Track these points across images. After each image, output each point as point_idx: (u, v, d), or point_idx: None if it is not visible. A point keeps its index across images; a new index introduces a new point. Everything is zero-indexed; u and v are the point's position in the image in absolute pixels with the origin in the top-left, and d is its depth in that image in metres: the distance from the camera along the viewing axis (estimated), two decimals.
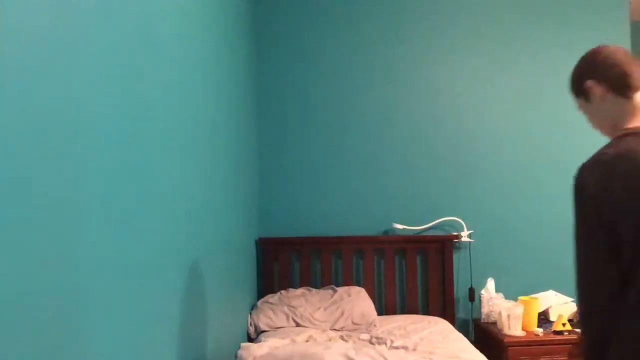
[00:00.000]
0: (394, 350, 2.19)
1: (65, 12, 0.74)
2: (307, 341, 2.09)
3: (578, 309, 1.18)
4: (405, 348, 2.24)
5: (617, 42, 3.08)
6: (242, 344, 1.83)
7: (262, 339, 2.17)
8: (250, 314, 2.54)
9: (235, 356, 1.81)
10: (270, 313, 2.48)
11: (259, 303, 2.58)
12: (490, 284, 2.82)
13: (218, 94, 1.85)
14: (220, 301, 1.85)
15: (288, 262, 2.87)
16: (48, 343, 0.68)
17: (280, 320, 2.45)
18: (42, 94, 0.67)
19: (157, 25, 1.16)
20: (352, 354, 1.63)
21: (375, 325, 2.52)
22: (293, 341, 2.09)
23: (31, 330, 0.64)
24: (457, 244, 2.95)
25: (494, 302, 2.75)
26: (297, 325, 2.44)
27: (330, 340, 2.16)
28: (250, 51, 2.80)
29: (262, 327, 2.44)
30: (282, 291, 2.69)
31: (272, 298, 2.61)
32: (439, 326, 2.53)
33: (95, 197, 0.82)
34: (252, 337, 2.45)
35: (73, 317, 0.75)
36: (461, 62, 3.06)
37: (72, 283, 0.75)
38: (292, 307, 2.50)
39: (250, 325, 2.49)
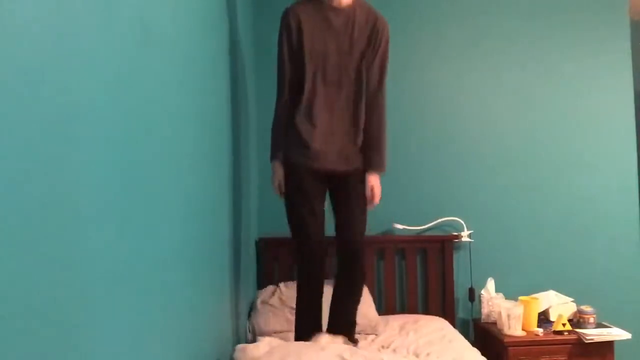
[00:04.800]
0: (392, 353, 2.19)
1: (65, 12, 0.74)
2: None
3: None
4: (403, 349, 2.24)
5: (617, 42, 3.08)
6: (237, 346, 1.82)
7: (259, 338, 2.14)
8: (250, 315, 2.52)
9: (232, 358, 1.80)
10: (270, 316, 2.42)
11: (258, 304, 2.54)
12: (490, 284, 2.82)
13: (218, 93, 1.85)
14: (219, 301, 1.84)
15: (288, 262, 2.87)
16: (48, 343, 0.68)
17: (280, 323, 2.39)
18: (42, 93, 0.67)
19: (158, 24, 1.16)
20: (347, 355, 1.62)
21: (377, 329, 2.48)
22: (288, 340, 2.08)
23: (31, 330, 0.64)
24: (457, 244, 2.95)
25: (494, 302, 2.75)
26: None
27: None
28: (251, 50, 2.80)
29: (262, 330, 2.38)
30: (281, 284, 2.62)
31: (272, 299, 2.57)
32: (438, 326, 2.53)
33: (94, 197, 0.82)
34: (250, 340, 2.40)
35: (73, 318, 0.75)
36: (461, 62, 3.05)
37: (71, 284, 0.75)
38: (293, 309, 2.46)
39: (249, 330, 2.43)
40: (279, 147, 2.05)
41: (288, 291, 2.57)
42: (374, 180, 2.05)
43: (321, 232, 2.01)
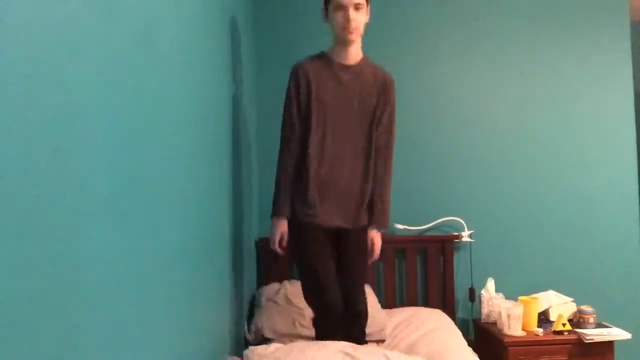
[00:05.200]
0: (395, 349, 2.20)
1: (65, 12, 0.74)
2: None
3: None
4: (405, 345, 2.25)
5: (617, 42, 3.08)
6: (245, 351, 1.82)
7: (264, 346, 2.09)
8: (253, 313, 2.50)
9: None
10: (275, 315, 2.33)
11: (263, 301, 2.45)
12: (490, 284, 2.82)
13: (219, 94, 1.85)
14: (220, 301, 1.84)
15: (288, 262, 2.87)
16: (47, 343, 0.68)
17: (286, 324, 2.29)
18: (42, 93, 0.67)
19: (158, 24, 1.16)
20: (349, 350, 1.63)
21: (385, 334, 2.40)
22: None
23: (31, 329, 0.64)
24: (457, 244, 2.95)
25: (494, 302, 2.75)
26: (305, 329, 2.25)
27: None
28: (250, 50, 2.80)
29: (266, 333, 2.27)
30: (286, 282, 2.54)
31: (277, 296, 2.45)
32: (438, 324, 2.51)
33: (95, 198, 0.82)
34: (250, 341, 2.29)
35: (72, 317, 0.75)
36: (461, 62, 3.06)
37: (71, 283, 0.75)
38: (300, 308, 2.29)
39: (249, 331, 2.35)
40: (284, 203, 1.99)
41: (293, 289, 2.43)
42: (375, 237, 2.07)
43: (335, 284, 1.98)
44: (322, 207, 1.96)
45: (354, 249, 2.03)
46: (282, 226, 2.00)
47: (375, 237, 2.07)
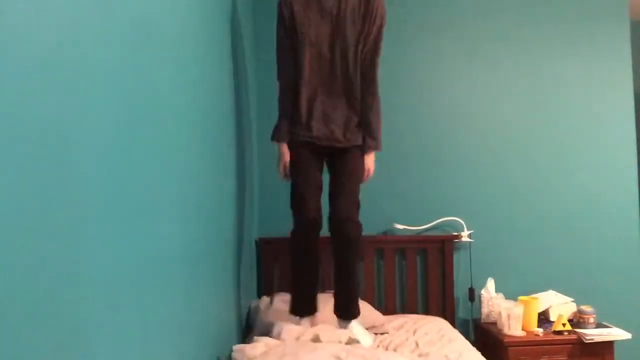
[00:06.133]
0: (390, 352, 2.18)
1: (65, 12, 0.74)
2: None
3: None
4: (403, 349, 2.23)
5: (617, 42, 3.08)
6: (235, 347, 1.81)
7: (255, 338, 2.11)
8: (249, 316, 2.50)
9: (230, 358, 1.80)
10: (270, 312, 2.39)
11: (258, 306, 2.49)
12: (490, 284, 2.82)
13: (219, 94, 1.85)
14: (220, 300, 1.84)
15: (288, 261, 2.86)
16: (48, 342, 0.68)
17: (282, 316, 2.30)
18: (42, 93, 0.67)
19: (159, 22, 1.16)
20: (343, 355, 1.62)
21: (386, 328, 2.43)
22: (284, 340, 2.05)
23: (31, 329, 0.64)
24: (457, 244, 2.95)
25: (494, 302, 2.75)
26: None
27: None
28: (250, 52, 2.80)
29: (265, 321, 2.31)
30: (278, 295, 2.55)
31: (275, 300, 2.53)
32: (438, 326, 2.51)
33: (95, 197, 0.82)
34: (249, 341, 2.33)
35: (73, 317, 0.75)
36: (461, 62, 3.06)
37: (72, 284, 0.75)
38: None
39: (249, 332, 2.36)
40: (283, 127, 2.10)
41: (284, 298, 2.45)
42: (367, 157, 2.12)
43: (316, 200, 2.07)
44: (311, 126, 2.05)
45: (344, 167, 2.09)
46: (285, 154, 2.11)
47: (367, 158, 2.12)
